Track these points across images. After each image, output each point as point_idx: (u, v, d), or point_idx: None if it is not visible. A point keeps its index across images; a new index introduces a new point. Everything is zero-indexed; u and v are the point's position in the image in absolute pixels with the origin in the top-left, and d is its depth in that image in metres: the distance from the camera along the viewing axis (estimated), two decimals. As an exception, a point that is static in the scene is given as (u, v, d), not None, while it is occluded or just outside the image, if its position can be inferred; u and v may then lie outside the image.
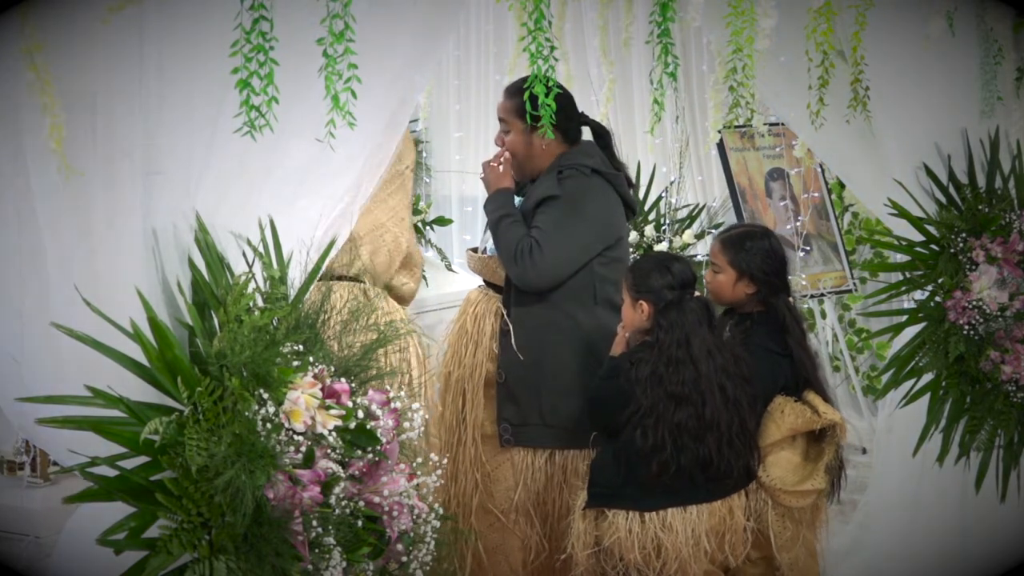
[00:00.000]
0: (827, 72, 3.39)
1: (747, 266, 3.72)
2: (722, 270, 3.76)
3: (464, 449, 3.94)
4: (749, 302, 3.75)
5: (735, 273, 3.73)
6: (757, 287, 3.72)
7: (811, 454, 3.68)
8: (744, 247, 3.74)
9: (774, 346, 3.71)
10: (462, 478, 3.94)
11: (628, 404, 3.46)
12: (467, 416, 3.95)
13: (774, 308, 3.73)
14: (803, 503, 3.61)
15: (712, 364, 3.47)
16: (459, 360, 3.98)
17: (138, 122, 2.33)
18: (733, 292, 3.75)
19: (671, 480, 3.43)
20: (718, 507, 3.51)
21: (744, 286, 3.73)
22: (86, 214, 2.30)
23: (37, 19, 2.12)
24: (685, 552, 3.44)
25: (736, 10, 3.03)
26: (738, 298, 3.76)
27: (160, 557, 2.25)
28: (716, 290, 3.76)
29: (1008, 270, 4.00)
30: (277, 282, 2.49)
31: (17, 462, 3.79)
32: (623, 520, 3.47)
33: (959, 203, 4.17)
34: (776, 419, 3.61)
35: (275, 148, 2.47)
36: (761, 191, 6.38)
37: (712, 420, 3.44)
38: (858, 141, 4.22)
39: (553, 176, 3.82)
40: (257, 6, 2.24)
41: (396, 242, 4.01)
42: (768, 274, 3.72)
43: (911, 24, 3.91)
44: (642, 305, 3.54)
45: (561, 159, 3.86)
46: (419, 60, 2.92)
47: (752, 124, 3.35)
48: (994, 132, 4.26)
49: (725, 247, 3.77)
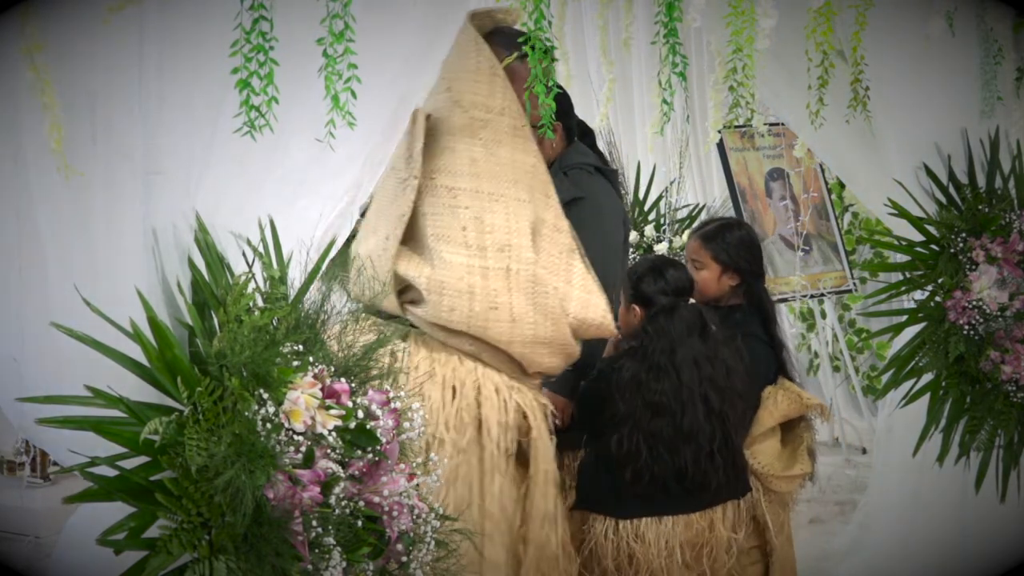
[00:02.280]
0: (827, 72, 3.39)
1: (730, 258, 3.73)
2: (705, 266, 3.77)
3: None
4: (731, 294, 3.76)
5: (719, 267, 3.75)
6: (741, 278, 3.74)
7: (785, 440, 3.72)
8: (725, 240, 3.75)
9: (763, 335, 3.73)
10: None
11: (606, 408, 3.43)
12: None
13: (757, 297, 3.75)
14: (791, 487, 3.66)
15: (697, 374, 3.41)
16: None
17: (138, 122, 2.33)
18: (718, 286, 3.76)
19: (645, 489, 3.39)
20: (696, 519, 3.47)
21: (728, 278, 3.76)
22: (86, 214, 2.30)
23: (37, 19, 2.12)
24: (656, 563, 3.40)
25: (736, 10, 3.04)
26: (722, 291, 3.77)
27: (160, 557, 2.25)
28: (701, 287, 3.75)
29: (1008, 270, 4.00)
30: (277, 282, 2.49)
31: (17, 462, 3.79)
32: (600, 525, 3.45)
33: (959, 203, 4.17)
34: (769, 407, 3.64)
35: (275, 148, 2.47)
36: (761, 191, 6.38)
37: (690, 431, 3.38)
38: (858, 141, 4.22)
39: (560, 176, 3.74)
40: (257, 6, 2.24)
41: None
42: (751, 263, 3.75)
43: (911, 24, 3.91)
44: (635, 309, 3.52)
45: (563, 159, 3.83)
46: (419, 60, 2.92)
47: (752, 124, 3.36)
48: (994, 132, 4.26)
49: (707, 242, 3.78)
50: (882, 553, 4.59)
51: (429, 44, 2.95)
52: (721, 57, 3.62)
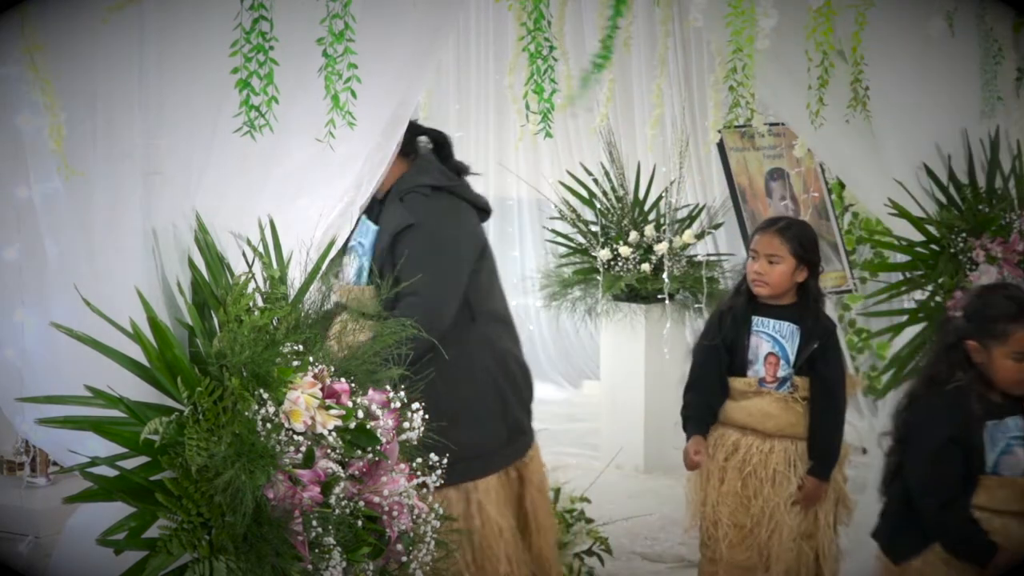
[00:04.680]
0: (827, 72, 3.39)
1: (806, 252, 3.76)
2: (782, 260, 3.77)
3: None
4: (792, 290, 3.79)
5: (795, 261, 3.76)
6: (810, 272, 3.78)
7: None
8: (800, 235, 3.78)
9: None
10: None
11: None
12: None
13: (816, 291, 3.82)
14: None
15: None
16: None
17: (138, 122, 2.33)
18: (791, 280, 3.78)
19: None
20: None
21: (799, 273, 3.78)
22: (86, 214, 2.30)
23: (37, 19, 2.12)
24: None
25: (736, 10, 3.03)
26: (791, 286, 3.79)
27: (160, 557, 2.25)
28: (775, 281, 3.77)
29: (1008, 270, 4.00)
30: (277, 282, 2.49)
31: (17, 462, 3.78)
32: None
33: (959, 203, 4.17)
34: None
35: (275, 148, 2.47)
36: (761, 191, 6.37)
37: None
38: (858, 141, 4.22)
39: (396, 202, 3.61)
40: (257, 6, 2.24)
41: None
42: (819, 257, 3.84)
43: (911, 24, 3.91)
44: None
45: (399, 183, 3.63)
46: (419, 60, 2.92)
47: (752, 124, 3.35)
48: (994, 132, 4.26)
49: (784, 237, 3.78)
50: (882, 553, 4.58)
51: (429, 44, 2.95)
52: (721, 57, 3.62)
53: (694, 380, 3.89)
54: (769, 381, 3.77)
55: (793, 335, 3.76)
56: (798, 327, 3.76)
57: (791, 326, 3.76)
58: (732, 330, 3.81)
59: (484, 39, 7.76)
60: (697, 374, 3.88)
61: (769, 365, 3.77)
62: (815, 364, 3.75)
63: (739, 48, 3.06)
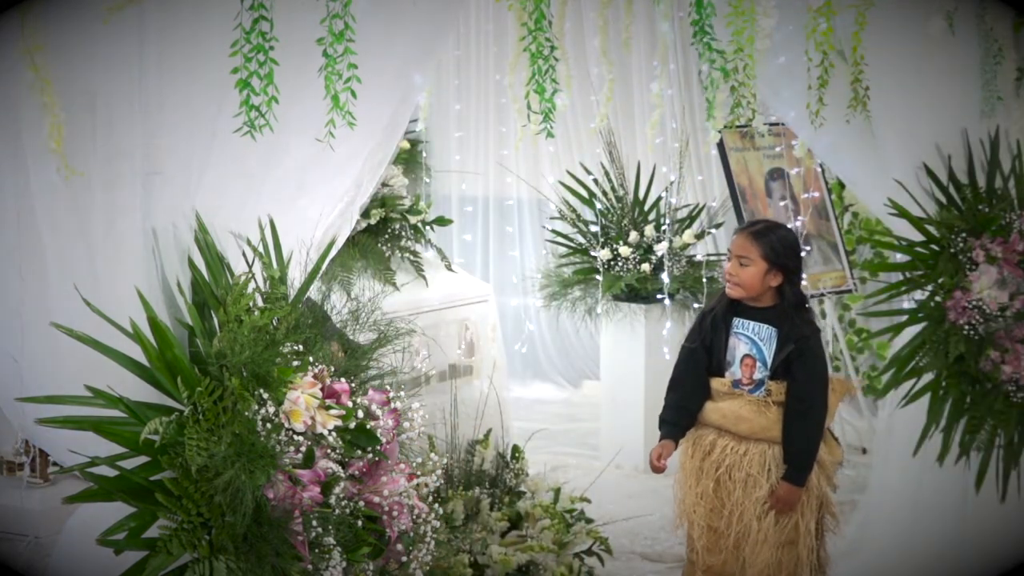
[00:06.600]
0: (827, 72, 3.39)
1: (777, 257, 3.75)
2: (752, 262, 3.76)
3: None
4: (769, 293, 3.78)
5: (766, 264, 3.76)
6: (784, 277, 3.76)
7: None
8: (772, 239, 3.77)
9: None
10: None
11: None
12: None
13: (798, 296, 3.80)
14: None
15: None
16: None
17: (138, 122, 2.34)
18: (762, 283, 3.77)
19: None
20: None
21: (771, 277, 3.77)
22: (86, 214, 2.30)
23: (37, 19, 2.12)
24: None
25: (736, 10, 3.03)
26: (764, 289, 3.78)
27: (160, 557, 2.25)
28: (747, 282, 3.76)
29: (1008, 270, 4.00)
30: (277, 282, 2.49)
31: (17, 462, 3.78)
32: None
33: (959, 203, 4.17)
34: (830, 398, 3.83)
35: (275, 148, 2.47)
36: (761, 191, 6.37)
37: None
38: (858, 141, 4.21)
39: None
40: (257, 6, 2.24)
41: None
42: (795, 264, 3.81)
43: (911, 24, 3.91)
44: None
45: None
46: (419, 60, 2.92)
47: (752, 124, 3.35)
48: (994, 132, 4.26)
49: (756, 240, 3.78)
50: (882, 553, 4.58)
51: (429, 44, 2.95)
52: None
53: (673, 380, 3.91)
54: (745, 383, 3.76)
55: (771, 338, 3.75)
56: (776, 330, 3.75)
57: (770, 329, 3.75)
58: (712, 330, 3.82)
59: (484, 39, 7.76)
60: (675, 374, 3.90)
61: (745, 367, 3.76)
62: (791, 368, 3.74)
63: (739, 48, 3.06)
